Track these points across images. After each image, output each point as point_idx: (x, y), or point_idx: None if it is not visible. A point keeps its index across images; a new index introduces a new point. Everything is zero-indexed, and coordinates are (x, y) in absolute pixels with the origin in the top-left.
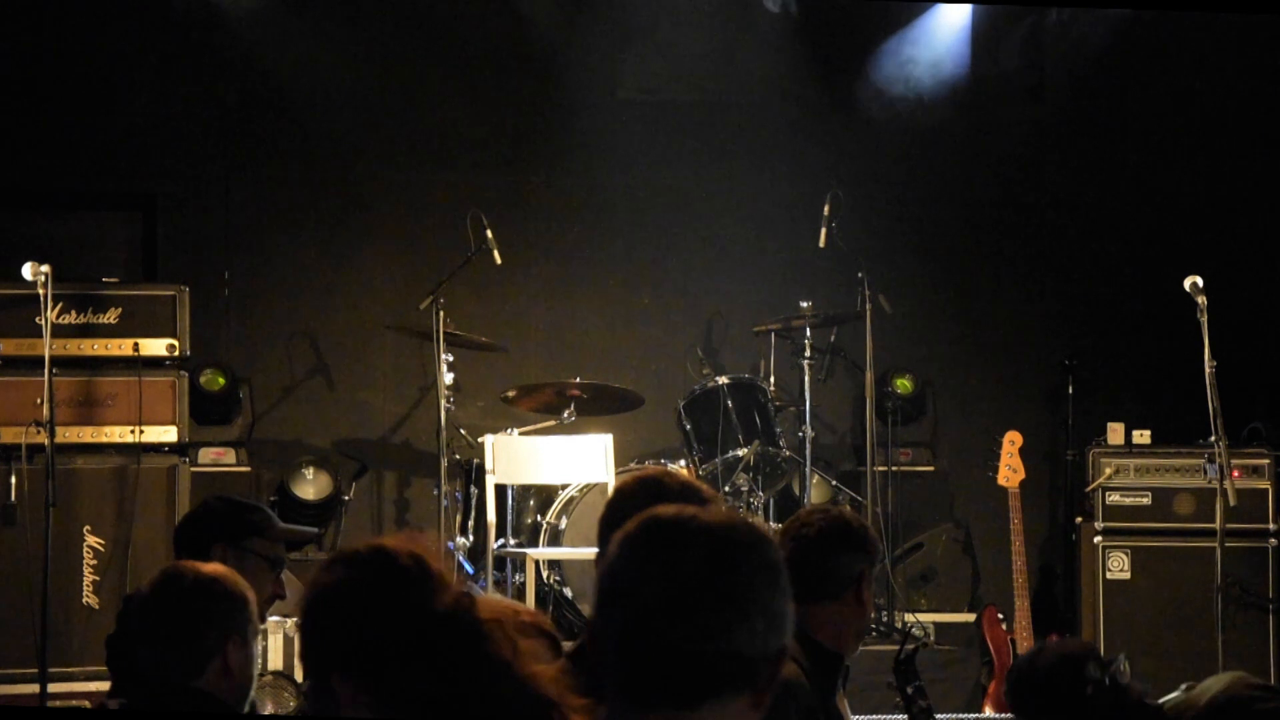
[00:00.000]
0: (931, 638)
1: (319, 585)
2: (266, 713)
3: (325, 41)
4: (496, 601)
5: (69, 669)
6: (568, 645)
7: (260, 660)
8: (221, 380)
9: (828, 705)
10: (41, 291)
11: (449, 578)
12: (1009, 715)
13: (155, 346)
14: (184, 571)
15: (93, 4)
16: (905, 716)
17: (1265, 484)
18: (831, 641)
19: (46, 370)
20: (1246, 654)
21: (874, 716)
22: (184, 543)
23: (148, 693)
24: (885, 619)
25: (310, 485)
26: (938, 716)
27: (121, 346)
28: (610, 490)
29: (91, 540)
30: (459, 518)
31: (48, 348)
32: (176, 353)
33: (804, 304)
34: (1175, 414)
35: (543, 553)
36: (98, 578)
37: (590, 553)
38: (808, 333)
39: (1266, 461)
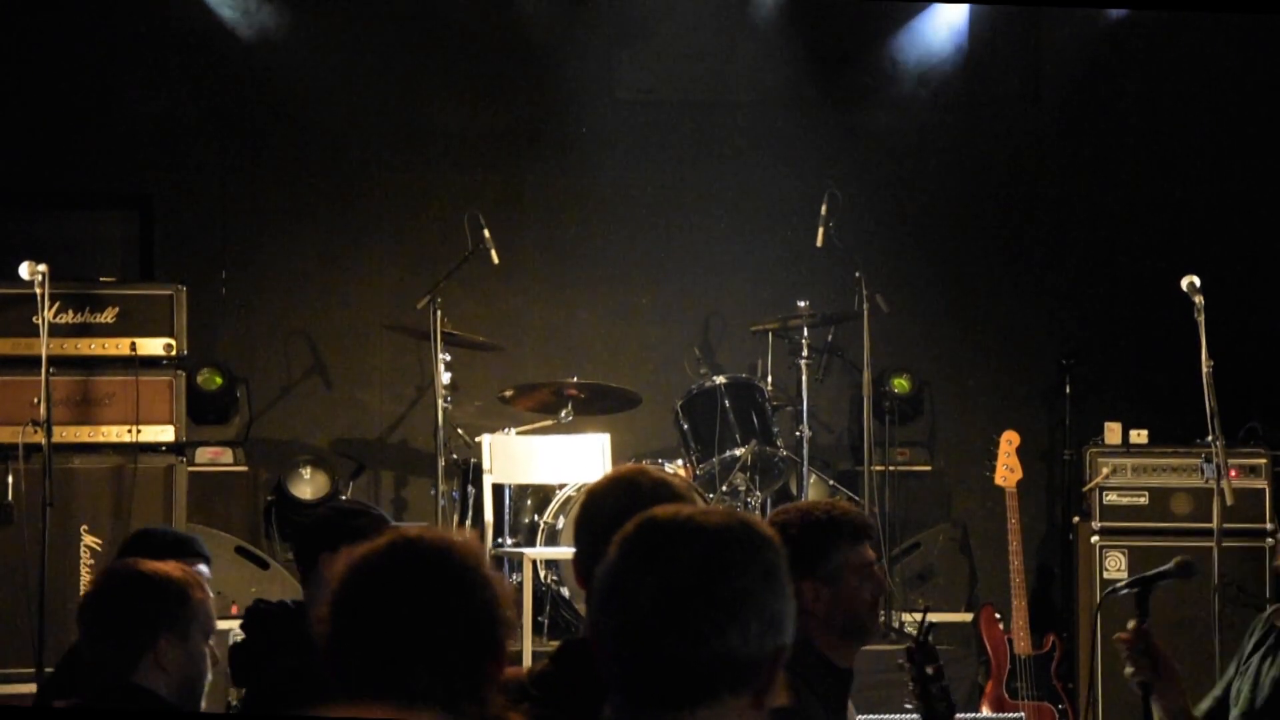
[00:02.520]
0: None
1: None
2: None
3: (321, 41)
4: None
5: None
6: (552, 645)
7: None
8: (219, 380)
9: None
10: (38, 291)
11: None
12: (1006, 715)
13: (152, 346)
14: (121, 568)
15: (89, 4)
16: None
17: (1262, 483)
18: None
19: (43, 370)
20: None
21: (878, 716)
22: (298, 556)
23: (92, 688)
24: (883, 619)
25: (307, 485)
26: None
27: (118, 346)
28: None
29: (89, 540)
30: (456, 517)
31: (45, 347)
32: (174, 352)
33: (801, 304)
34: (1172, 414)
35: (540, 552)
36: (95, 577)
37: None
38: (805, 332)
39: (1264, 461)
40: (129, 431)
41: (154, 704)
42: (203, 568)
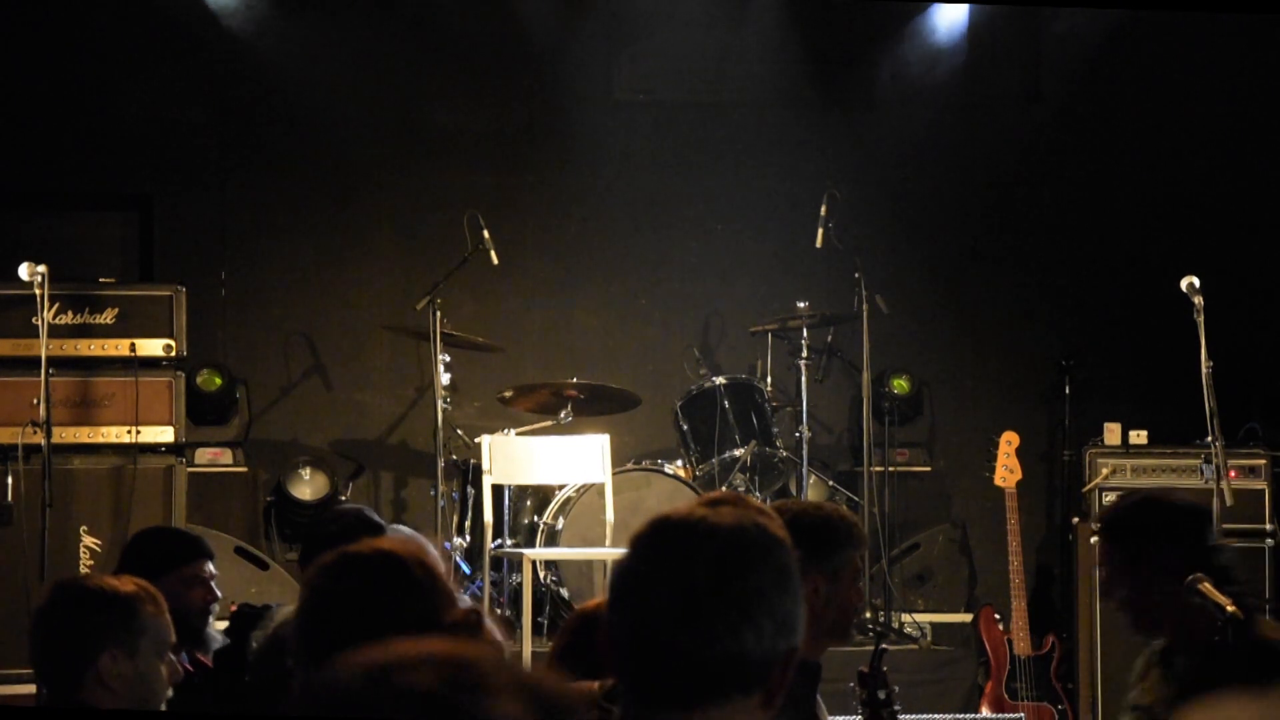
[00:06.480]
0: (929, 638)
1: (325, 591)
2: None
3: (322, 41)
4: (494, 626)
5: None
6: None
7: None
8: (218, 380)
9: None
10: (38, 291)
11: (454, 590)
12: (1006, 716)
13: (152, 347)
14: (67, 583)
15: (89, 4)
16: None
17: (1262, 484)
18: None
19: (43, 370)
20: None
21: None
22: (306, 557)
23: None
24: (882, 619)
25: (307, 486)
26: (935, 717)
27: (118, 347)
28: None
29: (88, 541)
30: (456, 518)
31: (44, 348)
32: (173, 353)
33: (801, 304)
34: (1172, 414)
35: (539, 553)
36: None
37: (588, 553)
38: (804, 333)
39: (1263, 462)
40: (128, 432)
41: None
42: (210, 566)
